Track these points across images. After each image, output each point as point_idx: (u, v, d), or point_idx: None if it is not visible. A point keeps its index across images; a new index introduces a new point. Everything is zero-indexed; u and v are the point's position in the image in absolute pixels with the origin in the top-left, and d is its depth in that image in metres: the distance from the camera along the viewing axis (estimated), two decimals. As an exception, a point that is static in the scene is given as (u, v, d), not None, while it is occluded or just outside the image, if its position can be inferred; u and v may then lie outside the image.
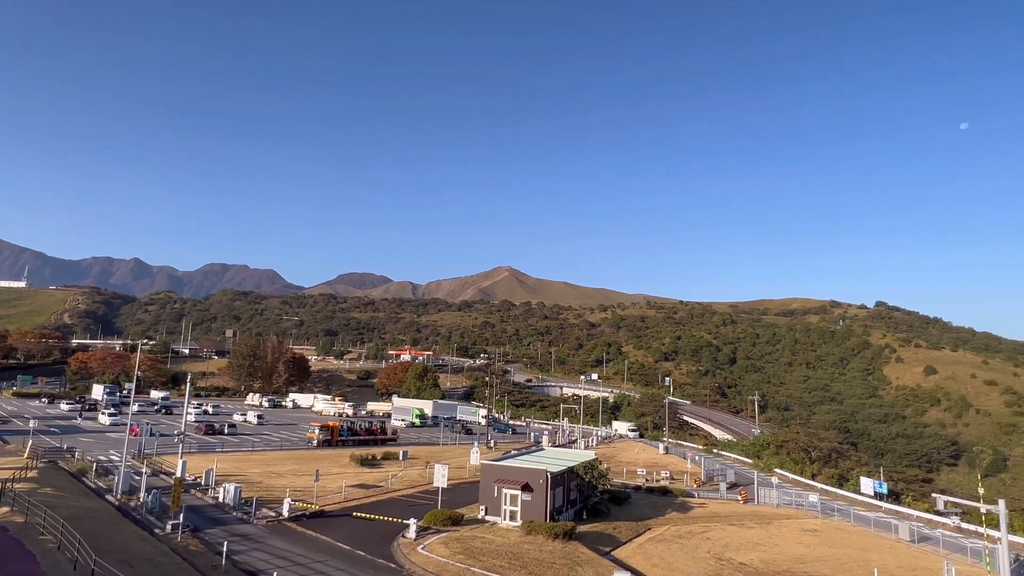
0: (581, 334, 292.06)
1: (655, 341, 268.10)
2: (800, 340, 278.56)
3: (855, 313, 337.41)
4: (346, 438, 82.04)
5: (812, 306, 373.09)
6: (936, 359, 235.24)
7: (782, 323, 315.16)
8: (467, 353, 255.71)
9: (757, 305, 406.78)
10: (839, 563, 42.59)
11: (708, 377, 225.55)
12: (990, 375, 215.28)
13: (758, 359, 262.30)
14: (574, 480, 50.35)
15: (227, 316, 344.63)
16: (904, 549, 48.97)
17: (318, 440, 77.75)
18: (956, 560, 43.53)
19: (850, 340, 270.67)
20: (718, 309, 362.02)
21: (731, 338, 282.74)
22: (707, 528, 50.40)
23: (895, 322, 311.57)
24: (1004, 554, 27.66)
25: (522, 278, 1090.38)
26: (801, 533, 51.90)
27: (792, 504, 65.52)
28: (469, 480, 59.53)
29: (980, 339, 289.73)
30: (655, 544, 43.95)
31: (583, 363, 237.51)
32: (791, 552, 44.99)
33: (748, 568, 39.64)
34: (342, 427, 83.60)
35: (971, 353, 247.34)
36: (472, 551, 35.48)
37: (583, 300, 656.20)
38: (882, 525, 56.55)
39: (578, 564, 34.60)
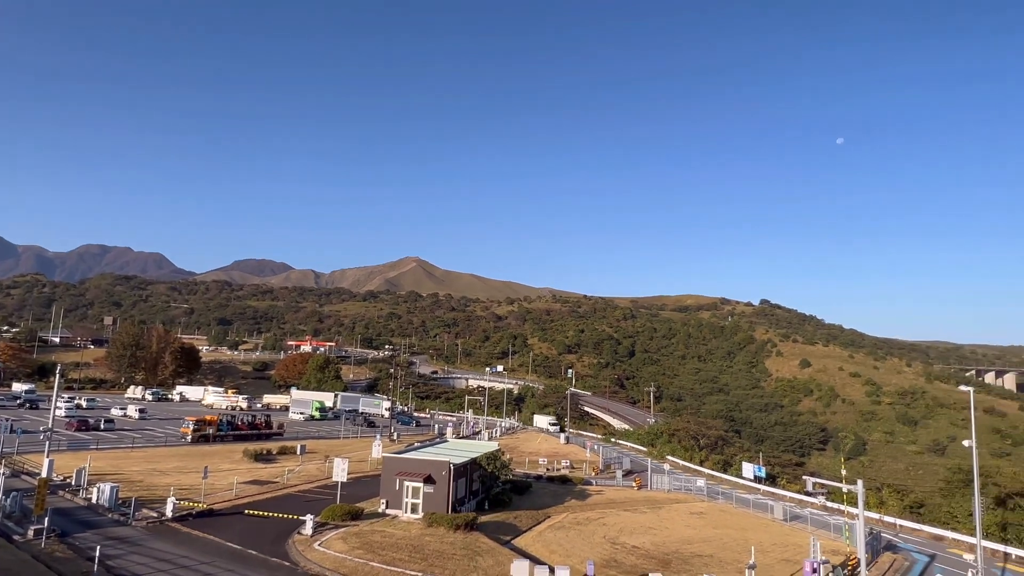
0: (488, 326, 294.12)
1: (559, 334, 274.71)
2: (693, 335, 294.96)
3: (742, 310, 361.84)
4: (225, 433, 76.56)
5: (705, 303, 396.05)
6: (810, 353, 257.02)
7: (677, 318, 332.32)
8: (372, 344, 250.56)
9: (656, 301, 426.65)
10: (721, 542, 45.65)
11: (608, 369, 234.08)
12: (855, 368, 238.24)
13: (655, 352, 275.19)
14: (477, 471, 50.72)
15: (106, 302, 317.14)
16: (778, 527, 53.23)
17: (192, 435, 71.93)
18: (821, 535, 47.86)
19: (737, 335, 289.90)
20: (620, 304, 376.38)
21: (631, 332, 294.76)
22: (603, 514, 52.39)
23: (777, 319, 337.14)
24: (860, 528, 30.80)
25: (430, 269, 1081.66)
26: (689, 516, 55.11)
27: (682, 489, 69.42)
28: (371, 474, 58.46)
29: (847, 335, 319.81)
30: (554, 531, 45.16)
31: (489, 355, 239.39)
32: (680, 534, 47.68)
33: (640, 551, 41.62)
34: (221, 421, 77.94)
35: (839, 348, 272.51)
36: (372, 545, 34.92)
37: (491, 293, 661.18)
38: (760, 506, 61.12)
39: (478, 554, 34.95)
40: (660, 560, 39.62)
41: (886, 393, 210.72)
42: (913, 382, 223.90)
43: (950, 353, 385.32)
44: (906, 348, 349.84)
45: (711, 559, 40.77)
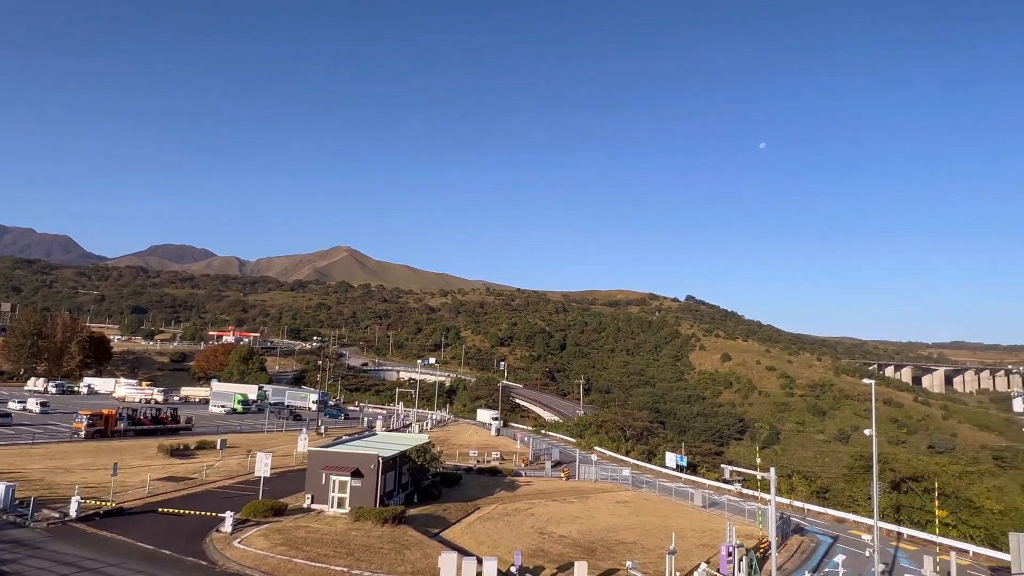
0: (421, 318, 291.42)
1: (492, 327, 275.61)
2: (623, 329, 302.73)
3: (669, 305, 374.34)
4: (126, 428, 71.46)
5: (634, 298, 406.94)
6: (731, 348, 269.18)
7: (608, 313, 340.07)
8: (299, 336, 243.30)
9: (588, 295, 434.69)
10: (644, 529, 47.24)
11: (540, 362, 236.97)
12: (771, 362, 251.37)
13: (585, 345, 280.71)
14: (406, 464, 50.30)
15: (4, 287, 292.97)
16: (697, 514, 55.59)
17: (86, 430, 66.42)
18: (737, 521, 50.34)
19: (664, 330, 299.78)
20: (552, 298, 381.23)
21: (562, 325, 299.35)
22: (532, 505, 53.13)
23: (701, 314, 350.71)
24: (772, 513, 32.62)
25: (362, 259, 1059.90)
26: (614, 505, 56.70)
27: (608, 479, 71.31)
28: (296, 468, 56.91)
29: (765, 331, 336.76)
30: (483, 523, 45.42)
31: (421, 347, 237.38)
32: (605, 522, 48.98)
33: (567, 540, 42.48)
34: (120, 415, 72.69)
35: (758, 343, 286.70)
36: (295, 541, 34.02)
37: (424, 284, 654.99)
38: (681, 494, 63.63)
39: (406, 547, 34.70)
40: (586, 548, 40.58)
41: (798, 386, 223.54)
42: (823, 375, 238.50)
43: (856, 349, 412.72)
44: (817, 344, 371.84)
45: (634, 546, 42.11)
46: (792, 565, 41.48)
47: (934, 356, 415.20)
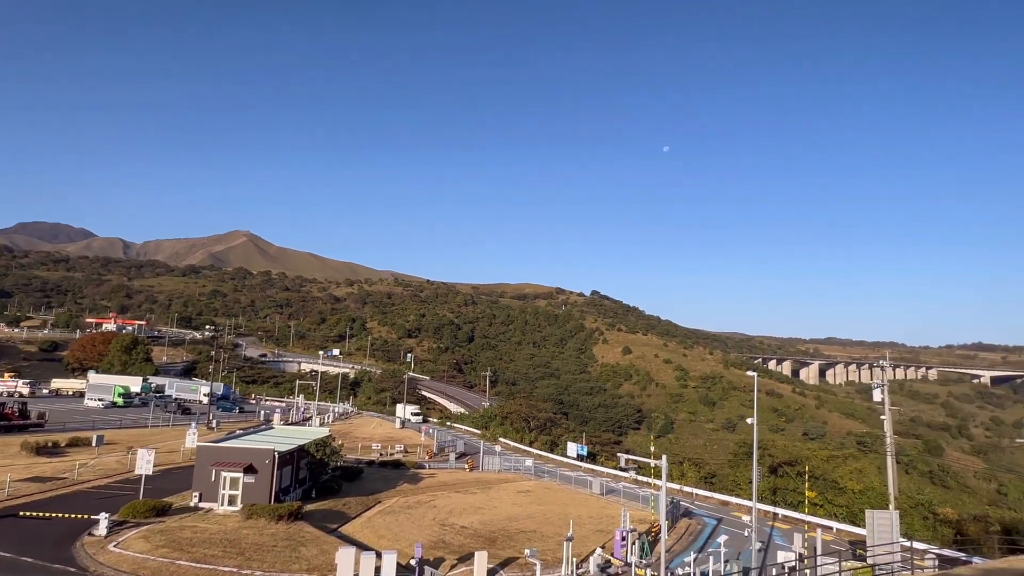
0: (325, 308, 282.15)
1: (400, 318, 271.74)
2: (530, 322, 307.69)
3: (575, 300, 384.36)
4: None
5: (542, 292, 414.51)
6: (631, 341, 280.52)
7: (516, 306, 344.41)
8: (191, 324, 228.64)
9: (496, 288, 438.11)
10: (545, 518, 48.40)
11: (448, 354, 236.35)
12: (667, 355, 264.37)
13: (493, 338, 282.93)
14: (305, 459, 48.67)
15: None
16: (595, 501, 57.63)
17: None
18: (632, 507, 52.68)
19: (569, 323, 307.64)
20: (461, 290, 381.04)
21: (471, 317, 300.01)
22: (434, 497, 53.01)
23: (605, 309, 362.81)
24: (663, 498, 34.40)
25: (263, 245, 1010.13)
26: (516, 494, 57.66)
27: (511, 469, 72.40)
28: (184, 465, 53.58)
29: (663, 326, 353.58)
30: (383, 516, 44.80)
31: (325, 338, 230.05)
32: (507, 512, 49.72)
33: (468, 531, 42.76)
34: None
35: (656, 337, 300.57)
36: (180, 543, 32.04)
37: (330, 273, 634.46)
38: (581, 482, 65.71)
39: (302, 544, 33.62)
40: (487, 538, 41.04)
41: (692, 378, 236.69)
42: (714, 368, 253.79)
43: (744, 343, 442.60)
44: (710, 338, 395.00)
45: (534, 534, 43.06)
46: (680, 547, 43.95)
47: (811, 351, 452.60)
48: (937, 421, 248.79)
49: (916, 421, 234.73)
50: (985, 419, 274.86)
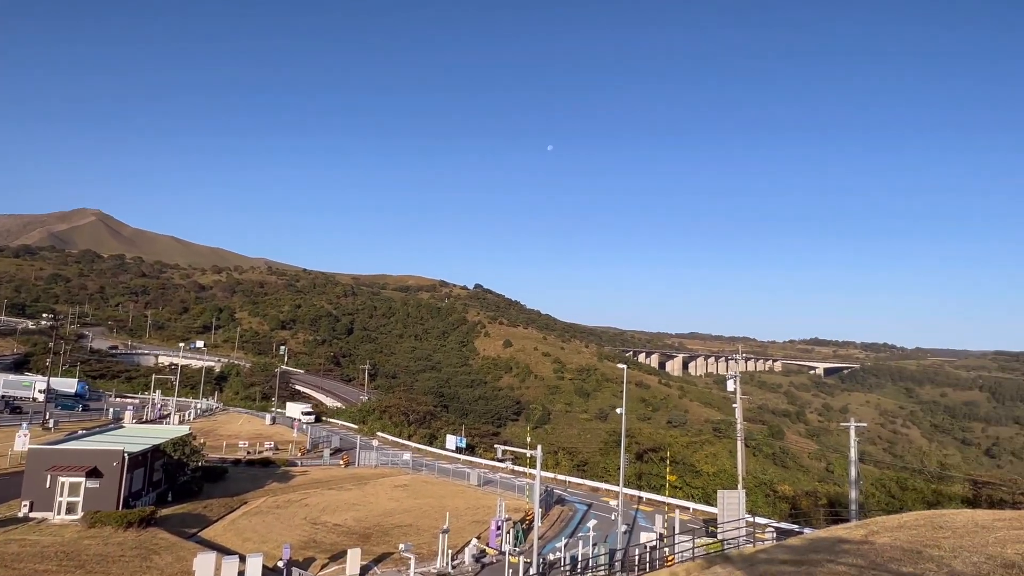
0: (188, 297, 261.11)
1: (273, 308, 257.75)
2: (412, 314, 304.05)
3: (458, 293, 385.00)
4: None
5: (425, 284, 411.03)
6: (512, 334, 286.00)
7: (398, 298, 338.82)
8: (25, 312, 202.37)
9: (378, 279, 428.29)
10: (422, 511, 48.22)
11: (325, 346, 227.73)
12: (546, 348, 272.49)
13: (374, 330, 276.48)
14: (160, 459, 44.93)
15: None
16: (473, 492, 58.28)
17: None
18: (508, 496, 53.86)
19: (452, 316, 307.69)
20: (341, 280, 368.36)
21: (351, 309, 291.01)
22: (306, 495, 51.05)
23: (488, 302, 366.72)
24: (537, 487, 35.50)
25: (116, 226, 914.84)
26: (393, 489, 56.93)
27: (389, 464, 71.33)
28: (12, 471, 47.50)
29: (543, 320, 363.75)
30: (249, 518, 42.46)
31: (187, 329, 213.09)
32: (383, 507, 48.96)
33: (342, 528, 41.62)
34: None
35: (536, 331, 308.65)
36: (3, 558, 28.38)
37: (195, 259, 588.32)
38: (459, 474, 66.12)
39: (155, 552, 31.03)
40: (361, 535, 40.20)
41: (568, 370, 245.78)
42: (589, 361, 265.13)
43: (617, 337, 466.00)
44: (586, 332, 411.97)
45: (410, 528, 42.79)
46: (553, 533, 45.61)
47: (676, 345, 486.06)
48: (780, 408, 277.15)
49: (763, 408, 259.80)
50: (818, 405, 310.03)
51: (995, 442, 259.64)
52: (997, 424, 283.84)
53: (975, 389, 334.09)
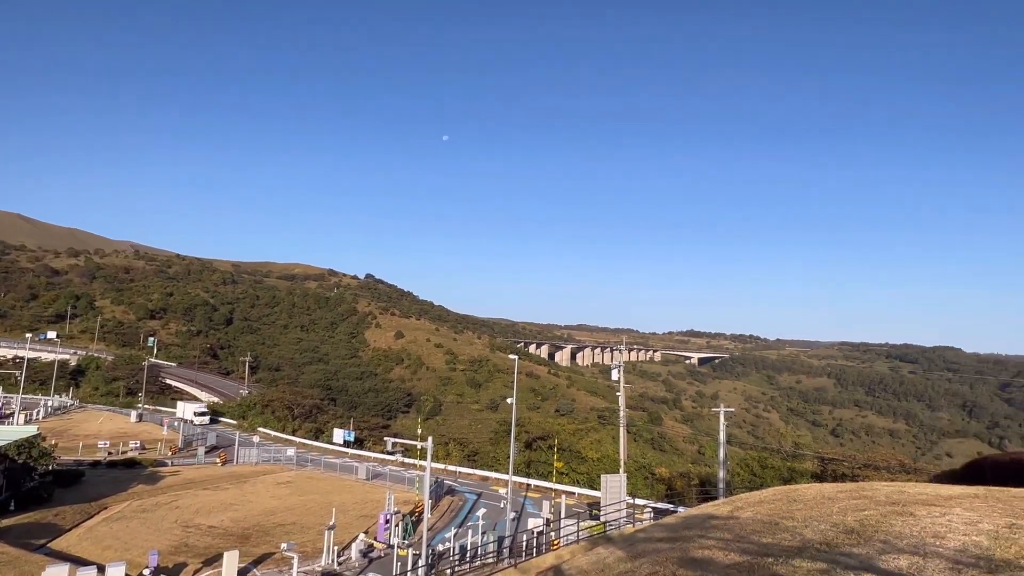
0: (38, 282, 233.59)
1: (141, 296, 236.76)
2: (298, 304, 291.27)
3: (348, 282, 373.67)
4: None
5: (313, 273, 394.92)
6: (404, 325, 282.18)
7: (284, 287, 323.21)
8: None
9: (261, 267, 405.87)
10: (306, 508, 46.51)
11: (200, 338, 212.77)
12: (439, 339, 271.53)
13: (256, 321, 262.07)
14: (1, 464, 40.06)
15: None
16: (361, 487, 57.02)
17: None
18: (398, 489, 53.23)
19: (342, 306, 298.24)
20: (219, 267, 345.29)
21: (230, 298, 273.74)
22: (177, 497, 47.62)
23: (379, 293, 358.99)
24: (427, 478, 35.34)
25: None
26: (276, 487, 54.45)
27: (271, 460, 68.10)
28: None
29: (436, 311, 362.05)
30: (110, 524, 38.95)
31: (36, 318, 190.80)
32: (264, 506, 46.70)
33: (218, 530, 39.25)
34: None
35: (429, 322, 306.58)
36: None
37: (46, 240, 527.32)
38: (347, 469, 64.46)
39: (-6, 568, 27.68)
40: (239, 536, 38.15)
41: (461, 361, 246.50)
42: (481, 352, 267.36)
43: (509, 329, 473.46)
44: (479, 324, 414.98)
45: (294, 526, 41.17)
46: (442, 524, 45.66)
47: (565, 336, 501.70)
48: (659, 395, 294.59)
49: (644, 396, 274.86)
50: (693, 393, 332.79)
51: (839, 423, 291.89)
52: (841, 407, 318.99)
53: (824, 376, 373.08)
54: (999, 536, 10.23)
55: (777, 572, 9.34)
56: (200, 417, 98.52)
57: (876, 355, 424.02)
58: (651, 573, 11.34)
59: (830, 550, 10.38)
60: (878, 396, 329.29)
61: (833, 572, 8.97)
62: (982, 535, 10.38)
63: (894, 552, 9.77)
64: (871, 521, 12.12)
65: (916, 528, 11.22)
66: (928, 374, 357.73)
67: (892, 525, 11.61)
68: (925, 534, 10.75)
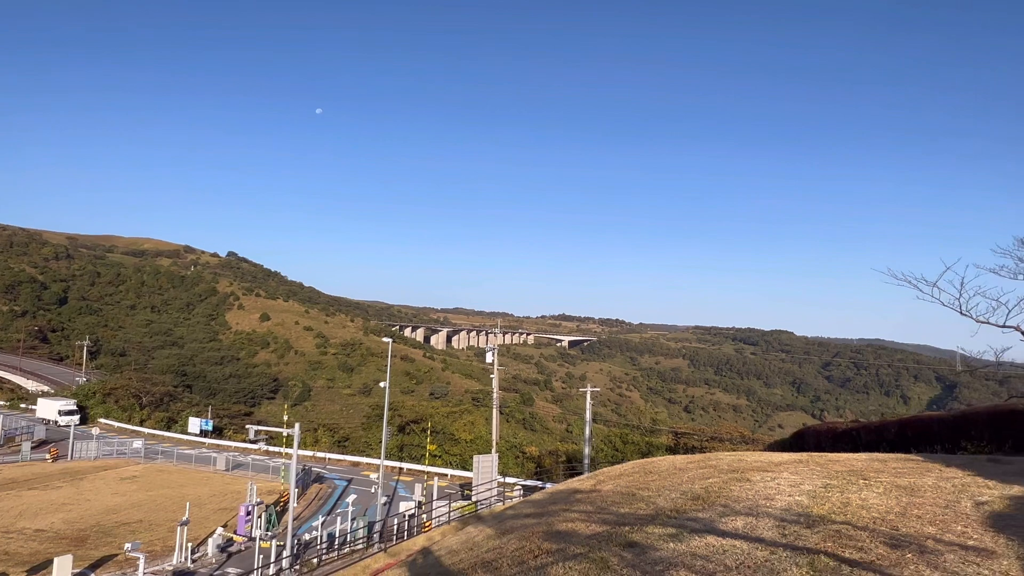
0: None
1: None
2: (148, 283, 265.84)
3: (208, 260, 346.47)
4: None
5: (166, 249, 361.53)
6: (271, 307, 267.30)
7: (131, 263, 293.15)
8: None
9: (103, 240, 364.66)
10: (155, 504, 42.93)
11: (27, 319, 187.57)
12: (309, 322, 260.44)
13: (96, 300, 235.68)
14: None
15: None
16: (219, 478, 53.58)
17: None
18: (261, 479, 50.64)
19: (199, 286, 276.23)
20: (51, 239, 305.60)
21: (64, 275, 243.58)
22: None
23: (243, 272, 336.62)
24: (293, 466, 33.96)
25: None
26: (119, 482, 49.71)
27: (114, 454, 61.99)
28: None
29: (306, 292, 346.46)
30: (-93, 535, 33.57)
31: None
32: (104, 504, 42.49)
33: (47, 534, 35.18)
34: None
35: (298, 304, 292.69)
36: None
37: None
38: (204, 460, 60.20)
39: None
40: (74, 539, 34.47)
41: (332, 345, 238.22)
42: (354, 335, 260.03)
43: (384, 311, 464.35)
44: (352, 306, 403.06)
45: (140, 524, 37.92)
46: (310, 512, 44.19)
47: (441, 319, 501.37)
48: (531, 377, 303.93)
49: (517, 378, 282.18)
50: (563, 374, 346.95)
51: (691, 400, 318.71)
52: (694, 385, 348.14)
53: (680, 357, 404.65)
54: (816, 495, 11.71)
55: (632, 539, 10.03)
56: (67, 416, 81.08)
57: (724, 338, 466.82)
58: (518, 548, 11.73)
59: (679, 516, 11.32)
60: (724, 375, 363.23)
61: (681, 535, 9.80)
62: (803, 495, 11.83)
63: (732, 514, 10.85)
64: (715, 488, 13.37)
65: (751, 492, 12.54)
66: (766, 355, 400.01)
67: (732, 490, 12.88)
68: (758, 497, 12.05)
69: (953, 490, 11.48)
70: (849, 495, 11.49)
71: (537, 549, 11.11)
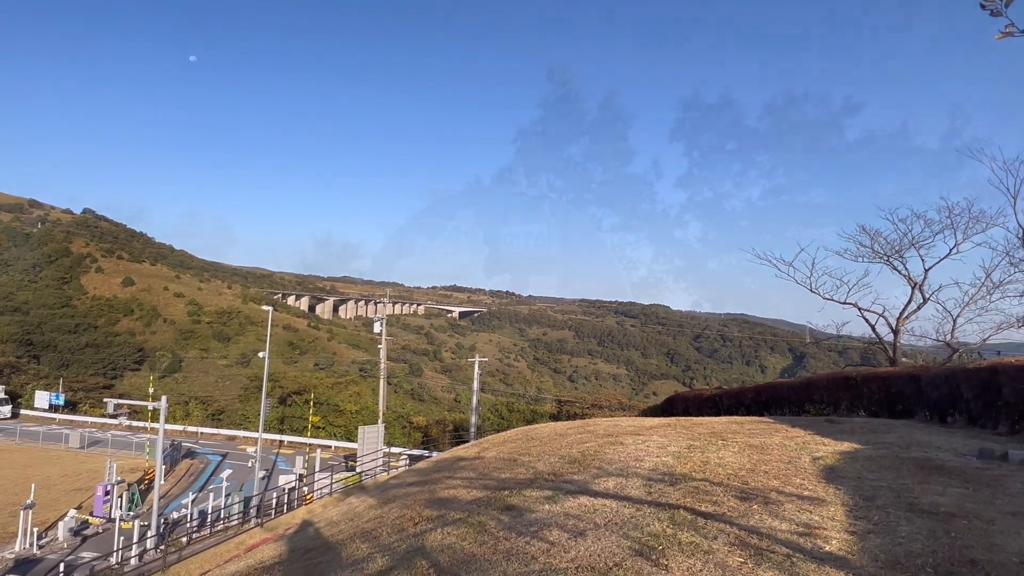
0: None
1: None
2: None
3: (59, 217, 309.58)
4: None
5: (7, 202, 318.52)
6: (136, 271, 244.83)
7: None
8: None
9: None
10: (-7, 487, 38.61)
11: None
12: (180, 288, 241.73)
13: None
14: None
15: None
16: (72, 456, 49.03)
17: None
18: (121, 456, 46.91)
19: (49, 245, 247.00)
20: None
21: None
22: None
23: (101, 232, 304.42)
24: (160, 442, 31.75)
25: None
26: (-53, 465, 44.10)
27: (-60, 433, 54.80)
28: None
29: (177, 256, 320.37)
30: None
31: None
32: (-72, 490, 37.58)
33: None
34: None
35: (167, 268, 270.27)
36: None
37: None
38: (53, 437, 54.71)
39: None
40: None
41: (206, 313, 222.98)
42: (231, 303, 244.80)
43: (265, 279, 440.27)
44: (230, 272, 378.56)
45: (-26, 510, 33.96)
46: (179, 489, 41.68)
47: (328, 288, 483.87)
48: (421, 348, 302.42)
49: (406, 349, 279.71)
50: (453, 345, 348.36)
51: (576, 370, 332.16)
52: (578, 356, 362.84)
53: (566, 329, 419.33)
54: (680, 456, 12.67)
55: (510, 502, 10.36)
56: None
57: (607, 311, 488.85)
58: (399, 516, 11.75)
59: (556, 479, 11.83)
60: (607, 346, 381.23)
61: (556, 497, 10.25)
62: (669, 456, 12.75)
63: (605, 476, 11.50)
64: (591, 451, 14.08)
65: (623, 454, 13.34)
66: (644, 327, 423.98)
67: (606, 453, 13.63)
68: (629, 458, 12.84)
69: (795, 448, 12.88)
70: (709, 455, 12.55)
71: (418, 516, 11.19)
